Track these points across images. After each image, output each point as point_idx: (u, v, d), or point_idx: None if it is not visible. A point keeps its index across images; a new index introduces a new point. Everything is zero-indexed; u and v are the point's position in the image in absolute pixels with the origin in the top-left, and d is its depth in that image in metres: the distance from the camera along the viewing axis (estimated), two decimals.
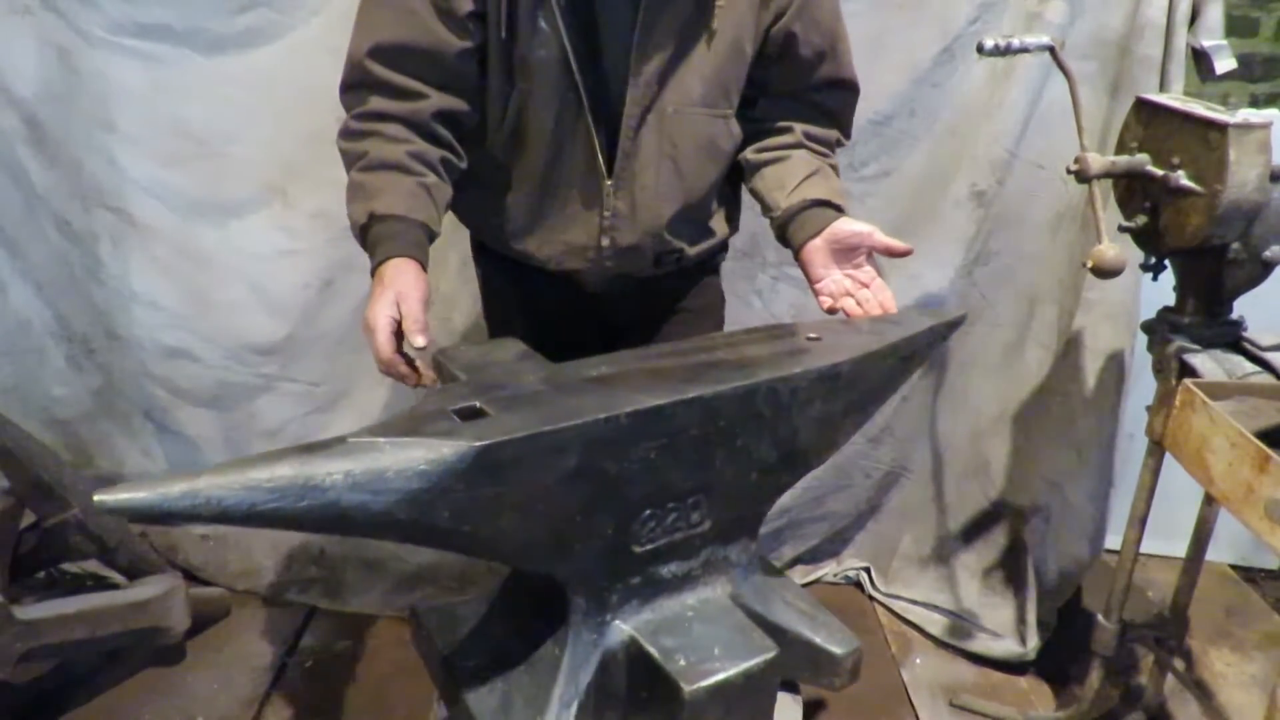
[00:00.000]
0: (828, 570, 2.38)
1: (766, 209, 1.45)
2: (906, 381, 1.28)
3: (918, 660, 2.14)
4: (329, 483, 0.78)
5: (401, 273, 1.17)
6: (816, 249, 1.39)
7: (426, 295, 1.17)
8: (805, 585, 2.31)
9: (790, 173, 1.42)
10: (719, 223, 1.55)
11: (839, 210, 1.39)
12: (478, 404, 0.93)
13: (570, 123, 1.33)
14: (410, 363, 1.13)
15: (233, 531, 2.30)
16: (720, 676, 0.95)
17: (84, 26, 1.92)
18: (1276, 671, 2.03)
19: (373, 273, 1.21)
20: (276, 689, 1.96)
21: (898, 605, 2.28)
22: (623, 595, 1.03)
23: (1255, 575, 2.48)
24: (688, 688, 0.93)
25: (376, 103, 1.28)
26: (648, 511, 1.00)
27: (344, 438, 0.83)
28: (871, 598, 2.32)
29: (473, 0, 1.26)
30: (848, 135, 1.53)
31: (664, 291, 1.57)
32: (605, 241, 1.40)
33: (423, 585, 2.22)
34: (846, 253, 1.38)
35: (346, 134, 1.31)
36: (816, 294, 1.40)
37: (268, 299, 2.12)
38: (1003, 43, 1.46)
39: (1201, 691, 1.97)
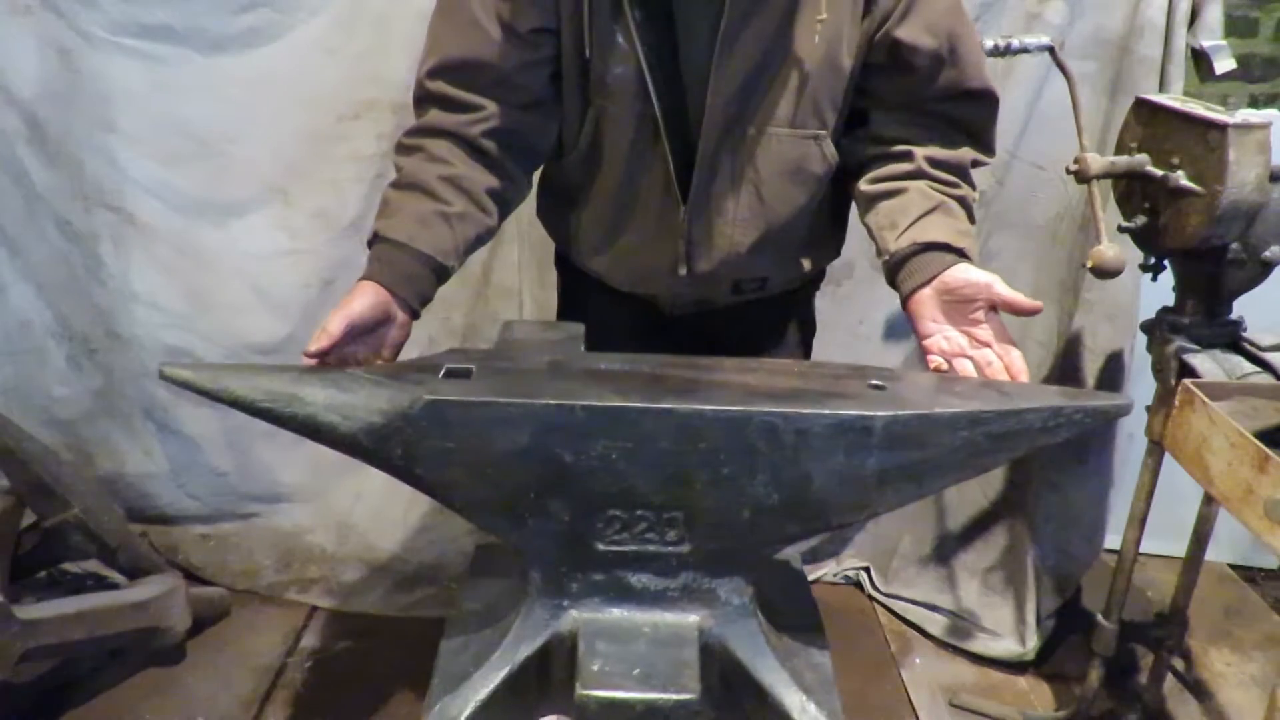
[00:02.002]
0: (828, 570, 2.38)
1: (878, 251, 1.26)
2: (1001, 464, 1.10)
3: (918, 660, 2.14)
4: (311, 400, 0.94)
5: (346, 299, 1.11)
6: (925, 300, 1.19)
7: (358, 318, 1.08)
8: None
9: (904, 210, 1.23)
10: (811, 252, 1.43)
11: (959, 254, 1.18)
12: (471, 367, 1.00)
13: (646, 144, 1.25)
14: None
15: (233, 531, 2.31)
16: (617, 695, 0.92)
17: (84, 26, 1.92)
18: (1276, 671, 2.03)
19: None
20: (276, 689, 1.96)
21: (898, 605, 2.28)
22: (584, 587, 1.02)
23: (1255, 575, 2.48)
24: (580, 690, 0.93)
25: (432, 116, 1.23)
26: (612, 512, 0.98)
27: (342, 368, 1.01)
28: (871, 598, 2.32)
29: (542, 15, 1.20)
30: (989, 151, 1.32)
31: (746, 320, 1.48)
32: (681, 270, 1.33)
33: (423, 585, 2.22)
34: (961, 305, 1.17)
35: (397, 148, 1.26)
36: (924, 352, 1.21)
37: (268, 299, 2.12)
38: (1003, 43, 1.46)
39: (1201, 691, 1.97)
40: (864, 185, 1.29)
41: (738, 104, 1.23)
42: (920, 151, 1.25)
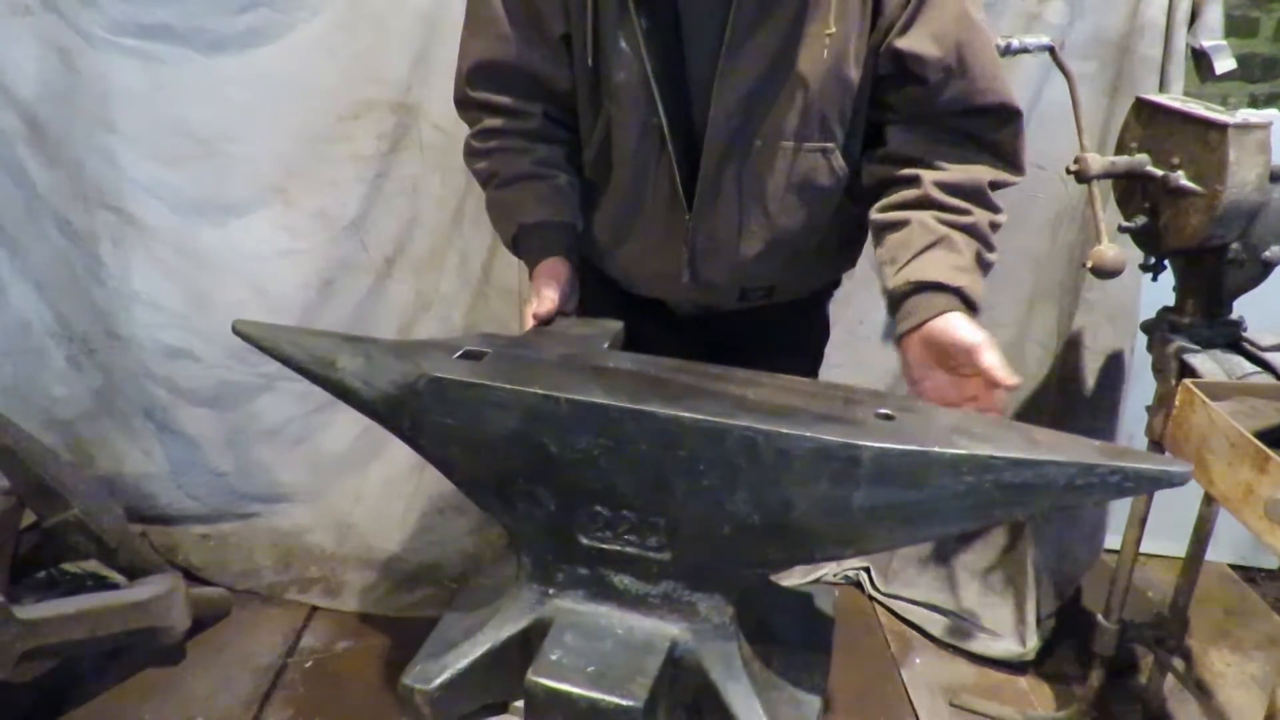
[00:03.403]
0: (828, 570, 2.38)
1: (882, 289, 1.23)
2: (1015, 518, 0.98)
3: (918, 660, 2.14)
4: (342, 367, 1.06)
5: (544, 270, 1.29)
6: (914, 345, 1.16)
7: (565, 282, 1.28)
8: (805, 585, 2.31)
9: (905, 244, 1.19)
10: (821, 263, 1.43)
11: (955, 294, 1.14)
12: (488, 350, 1.06)
13: (653, 151, 1.26)
14: None
15: (233, 531, 2.31)
16: (564, 687, 0.94)
17: (84, 26, 1.92)
18: (1276, 671, 2.03)
19: (531, 278, 1.32)
20: (276, 689, 1.96)
21: (898, 605, 2.28)
22: (569, 579, 1.04)
23: (1255, 575, 2.48)
24: (530, 675, 0.95)
25: (490, 121, 1.32)
26: (596, 508, 0.99)
27: (379, 340, 1.10)
28: (871, 598, 2.32)
29: (564, 21, 1.23)
30: (1013, 169, 1.24)
31: (756, 324, 1.47)
32: (684, 277, 1.35)
33: (423, 585, 2.22)
34: (947, 355, 1.13)
35: (472, 152, 1.36)
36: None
37: (268, 299, 2.12)
38: (1003, 43, 1.45)
39: (1201, 691, 1.97)
40: (874, 214, 1.26)
41: (741, 116, 1.22)
42: (929, 176, 1.21)
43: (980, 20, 1.20)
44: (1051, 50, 1.49)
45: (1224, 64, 1.87)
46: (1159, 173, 1.50)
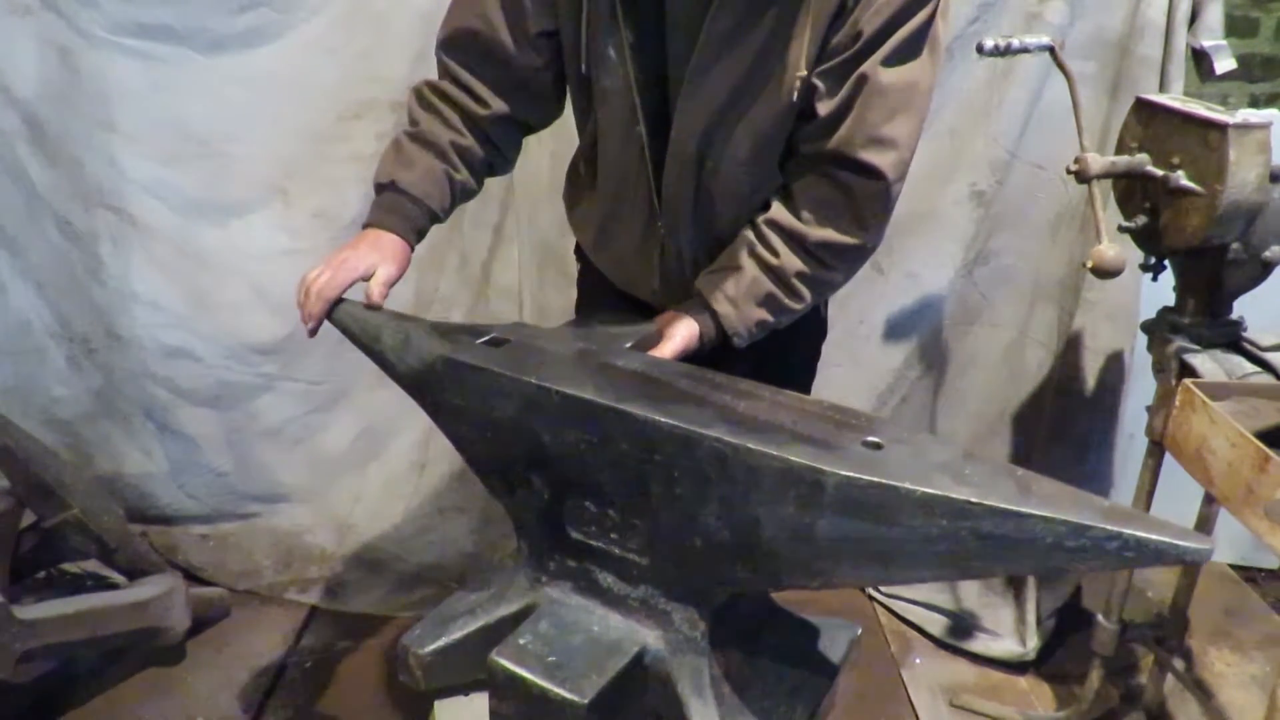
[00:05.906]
0: None
1: None
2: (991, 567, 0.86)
3: (918, 660, 2.14)
4: (384, 341, 1.15)
5: (387, 245, 1.27)
6: (663, 318, 1.30)
7: (403, 270, 1.27)
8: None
9: (726, 253, 1.30)
10: None
11: (712, 316, 1.26)
12: (510, 339, 1.11)
13: (634, 159, 1.29)
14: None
15: (233, 531, 2.31)
16: (520, 671, 0.96)
17: (84, 26, 1.92)
18: (1276, 671, 2.03)
19: (365, 226, 1.31)
20: (276, 689, 1.96)
21: (898, 605, 2.28)
22: (560, 569, 1.08)
23: (1255, 575, 2.48)
24: (493, 655, 0.98)
25: (449, 87, 1.32)
26: (585, 502, 1.02)
27: (423, 320, 1.18)
28: (871, 598, 2.32)
29: (548, 19, 1.25)
30: (862, 230, 1.23)
31: None
32: (655, 283, 1.39)
33: (423, 585, 2.22)
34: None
35: (418, 95, 1.34)
36: None
37: (268, 299, 2.12)
38: (1003, 43, 1.45)
39: (1201, 691, 1.97)
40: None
41: (699, 139, 1.23)
42: (774, 207, 1.26)
43: (919, 86, 1.17)
44: (1051, 50, 1.49)
45: (1224, 64, 1.87)
46: (1159, 173, 1.50)
